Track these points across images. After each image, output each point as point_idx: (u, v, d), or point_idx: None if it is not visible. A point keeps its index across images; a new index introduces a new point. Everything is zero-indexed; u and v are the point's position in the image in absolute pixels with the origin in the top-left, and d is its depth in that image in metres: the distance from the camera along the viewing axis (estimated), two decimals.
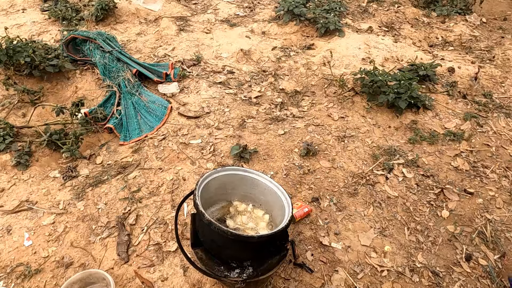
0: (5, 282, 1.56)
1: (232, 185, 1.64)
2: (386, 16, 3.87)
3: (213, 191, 1.58)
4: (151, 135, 2.35)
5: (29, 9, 3.73)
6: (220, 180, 1.59)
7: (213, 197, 1.61)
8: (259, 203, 1.65)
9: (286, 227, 1.32)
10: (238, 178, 1.62)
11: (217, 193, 1.61)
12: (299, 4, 3.60)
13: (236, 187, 1.65)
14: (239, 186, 1.65)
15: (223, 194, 1.66)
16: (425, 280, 1.60)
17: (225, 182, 1.62)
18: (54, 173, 2.08)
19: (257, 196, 1.64)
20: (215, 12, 3.99)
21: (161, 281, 1.57)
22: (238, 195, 1.68)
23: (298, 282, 1.58)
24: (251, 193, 1.65)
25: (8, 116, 2.39)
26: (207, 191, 1.50)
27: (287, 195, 1.51)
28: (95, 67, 2.81)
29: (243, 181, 1.63)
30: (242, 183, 1.63)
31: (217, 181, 1.58)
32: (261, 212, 1.63)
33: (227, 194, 1.67)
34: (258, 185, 1.61)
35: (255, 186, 1.62)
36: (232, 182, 1.63)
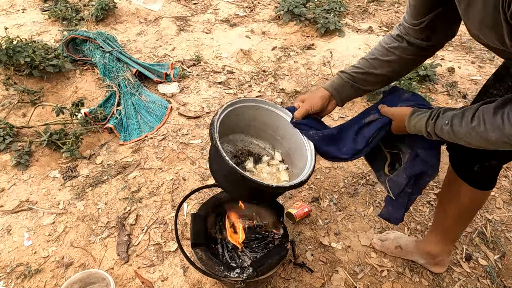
0: (5, 282, 1.56)
1: (254, 120, 1.41)
2: (386, 16, 3.87)
3: (231, 123, 1.36)
4: (151, 135, 2.35)
5: (29, 9, 3.73)
6: (240, 111, 1.37)
7: (228, 129, 1.40)
8: (278, 145, 1.43)
9: (306, 180, 1.15)
10: (262, 113, 1.37)
11: (234, 125, 1.40)
12: (299, 4, 3.60)
13: (256, 122, 1.41)
14: (260, 121, 1.41)
15: (241, 128, 1.44)
16: (425, 280, 1.60)
17: (241, 116, 1.38)
18: (54, 173, 2.08)
19: (276, 137, 1.41)
20: (215, 12, 3.99)
21: (161, 281, 1.57)
22: (256, 133, 1.45)
23: (298, 282, 1.58)
24: (272, 133, 1.42)
25: (8, 116, 2.40)
26: (224, 123, 1.29)
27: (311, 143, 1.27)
28: (95, 67, 2.81)
29: (266, 116, 1.37)
30: (264, 118, 1.38)
31: (236, 112, 1.35)
32: (279, 156, 1.42)
33: (246, 128, 1.45)
34: (279, 125, 1.37)
35: (279, 124, 1.37)
36: (249, 115, 1.39)
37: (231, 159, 1.26)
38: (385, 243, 1.70)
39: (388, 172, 1.25)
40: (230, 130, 1.41)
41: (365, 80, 1.21)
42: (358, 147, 1.15)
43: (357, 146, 1.15)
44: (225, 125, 1.30)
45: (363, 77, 1.21)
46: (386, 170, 1.25)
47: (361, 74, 1.21)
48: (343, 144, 1.19)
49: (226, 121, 1.29)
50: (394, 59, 1.14)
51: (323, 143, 1.20)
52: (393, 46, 1.14)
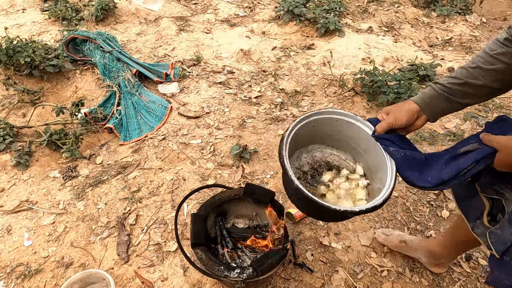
0: (5, 282, 1.56)
1: (334, 131, 1.32)
2: (386, 16, 3.87)
3: (309, 134, 1.29)
4: (151, 135, 2.35)
5: (29, 9, 3.73)
6: (317, 123, 1.27)
7: (307, 140, 1.33)
8: (360, 158, 1.33)
9: (380, 205, 1.04)
10: (342, 125, 1.28)
11: (313, 136, 1.32)
12: (299, 4, 3.60)
13: (338, 133, 1.32)
14: (342, 133, 1.31)
15: (321, 138, 1.36)
16: (425, 280, 1.60)
17: (321, 129, 1.30)
18: (54, 173, 2.08)
19: (358, 150, 1.31)
20: (215, 12, 3.99)
21: (161, 281, 1.57)
22: (338, 144, 1.37)
23: (298, 282, 1.58)
24: (354, 145, 1.31)
25: (8, 116, 2.40)
26: (300, 134, 1.23)
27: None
28: (95, 67, 2.81)
29: (347, 128, 1.28)
30: (346, 130, 1.29)
31: (312, 124, 1.26)
32: (360, 169, 1.31)
33: (326, 139, 1.36)
34: (361, 137, 1.26)
35: (361, 137, 1.26)
36: (329, 128, 1.30)
37: (308, 171, 1.25)
38: (390, 237, 1.69)
39: (488, 223, 1.04)
40: (308, 140, 1.34)
41: (464, 92, 1.03)
42: (444, 176, 0.97)
43: (444, 176, 0.97)
44: (303, 136, 1.25)
45: (462, 89, 1.03)
46: (485, 220, 1.05)
47: (458, 85, 1.03)
48: (428, 171, 1.02)
49: (303, 133, 1.23)
50: (500, 68, 0.97)
51: (405, 165, 1.05)
52: (499, 52, 0.97)
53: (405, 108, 1.10)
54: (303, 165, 1.30)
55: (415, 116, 1.09)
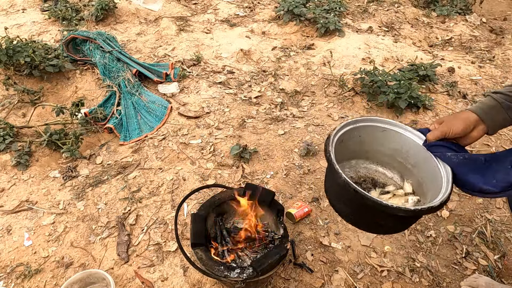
0: (5, 282, 1.56)
1: (380, 145, 1.24)
2: (386, 16, 3.87)
3: (354, 145, 1.22)
4: (151, 135, 2.35)
5: (29, 9, 3.73)
6: (363, 132, 1.20)
7: (351, 153, 1.25)
8: (408, 175, 1.21)
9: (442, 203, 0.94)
10: (389, 136, 1.20)
11: (358, 149, 1.25)
12: (299, 4, 3.60)
13: (383, 147, 1.24)
14: (388, 146, 1.22)
15: (365, 153, 1.28)
16: (425, 280, 1.60)
17: (365, 138, 1.22)
18: (54, 173, 2.08)
19: (406, 166, 1.21)
20: (215, 12, 3.99)
21: (161, 281, 1.57)
22: (383, 160, 1.27)
23: (298, 282, 1.58)
24: (402, 160, 1.22)
25: (8, 116, 2.40)
26: (345, 144, 1.16)
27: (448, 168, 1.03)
28: (95, 67, 2.81)
29: (394, 140, 1.20)
30: (392, 143, 1.21)
31: (359, 132, 1.20)
32: (409, 187, 1.20)
33: (371, 154, 1.28)
34: (410, 149, 1.16)
35: (409, 149, 1.17)
36: (375, 139, 1.22)
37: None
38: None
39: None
40: (353, 154, 1.26)
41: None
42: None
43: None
44: (347, 147, 1.17)
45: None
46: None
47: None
48: (492, 173, 0.93)
49: (347, 142, 1.16)
50: None
51: (465, 169, 0.97)
52: None
53: (461, 116, 1.03)
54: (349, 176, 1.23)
55: (471, 126, 1.01)
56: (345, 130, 1.15)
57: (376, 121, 1.19)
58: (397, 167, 1.24)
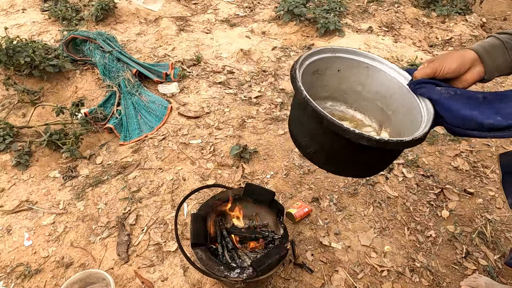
0: (5, 282, 1.56)
1: (361, 84, 1.07)
2: (386, 16, 3.87)
3: (332, 82, 1.06)
4: (151, 135, 2.35)
5: (29, 9, 3.73)
6: (343, 67, 1.04)
7: (328, 92, 1.09)
8: (387, 123, 1.05)
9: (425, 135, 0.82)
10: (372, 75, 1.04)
11: (335, 88, 1.09)
12: (299, 4, 3.60)
13: (364, 89, 1.07)
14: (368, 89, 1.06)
15: (343, 96, 1.11)
16: (425, 280, 1.60)
17: (345, 74, 1.06)
18: (54, 173, 2.08)
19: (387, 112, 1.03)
20: (215, 12, 3.99)
21: (161, 281, 1.57)
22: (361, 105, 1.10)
23: (298, 282, 1.58)
24: (382, 105, 1.05)
25: (8, 116, 2.40)
26: (322, 77, 1.00)
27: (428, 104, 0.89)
28: (95, 67, 2.81)
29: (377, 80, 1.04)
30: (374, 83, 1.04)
31: (337, 66, 1.04)
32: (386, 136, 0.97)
33: (349, 97, 1.11)
34: (394, 93, 1.00)
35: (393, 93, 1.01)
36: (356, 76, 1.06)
37: None
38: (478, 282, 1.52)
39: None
40: (329, 93, 1.08)
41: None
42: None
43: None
44: (323, 82, 1.00)
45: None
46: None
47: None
48: (494, 110, 0.79)
49: (324, 75, 1.00)
50: None
51: (457, 104, 0.81)
52: None
53: (456, 53, 0.88)
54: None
55: (467, 65, 0.87)
56: (321, 57, 0.98)
57: (359, 55, 1.04)
58: (376, 114, 1.07)
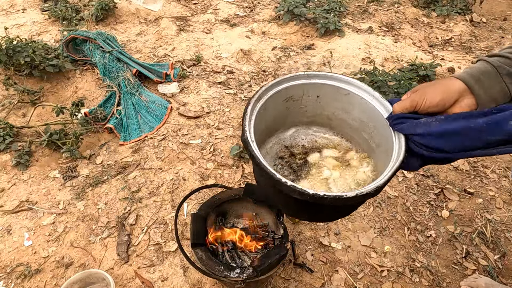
0: (5, 282, 1.56)
1: (336, 108, 0.99)
2: (386, 16, 3.87)
3: (275, 114, 0.97)
4: (151, 135, 2.35)
5: (29, 9, 3.72)
6: (316, 91, 0.96)
7: (273, 123, 1.00)
8: (373, 156, 0.95)
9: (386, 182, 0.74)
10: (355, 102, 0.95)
11: (280, 117, 1.01)
12: (299, 4, 3.60)
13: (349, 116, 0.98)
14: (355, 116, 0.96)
15: (320, 118, 1.03)
16: (425, 280, 1.60)
17: (324, 100, 0.98)
18: (54, 173, 2.08)
19: (371, 144, 0.94)
20: (215, 12, 3.99)
21: (161, 281, 1.57)
22: (347, 133, 1.02)
23: (298, 282, 1.58)
24: (367, 136, 0.96)
25: (8, 116, 2.39)
26: (264, 117, 0.91)
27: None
28: (95, 67, 2.81)
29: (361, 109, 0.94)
30: (352, 107, 0.96)
31: (309, 92, 0.96)
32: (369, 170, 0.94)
33: (334, 122, 1.03)
34: (377, 125, 0.90)
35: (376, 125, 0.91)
36: (336, 103, 0.98)
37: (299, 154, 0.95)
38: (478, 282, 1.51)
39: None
40: (312, 119, 1.03)
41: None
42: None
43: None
44: (304, 108, 0.97)
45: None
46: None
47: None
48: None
49: (303, 101, 0.95)
50: None
51: (457, 121, 0.70)
52: None
53: (441, 84, 0.76)
54: (294, 145, 0.99)
55: (453, 98, 0.74)
56: (294, 84, 0.92)
57: (337, 80, 0.95)
58: (363, 145, 0.98)
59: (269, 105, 0.90)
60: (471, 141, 0.68)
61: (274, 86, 0.90)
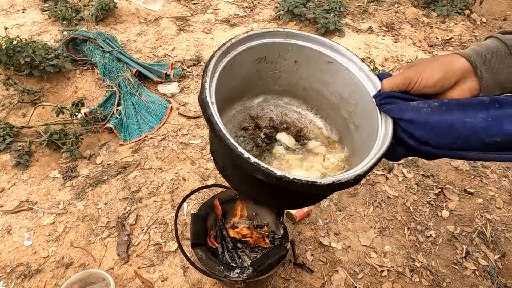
0: (5, 282, 1.56)
1: (315, 78, 0.84)
2: (386, 16, 3.87)
3: (242, 76, 0.82)
4: (151, 135, 2.35)
5: (29, 9, 3.72)
6: (294, 55, 0.81)
7: (240, 87, 0.86)
8: (348, 138, 0.84)
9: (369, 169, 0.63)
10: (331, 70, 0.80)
11: (248, 81, 0.85)
12: (299, 4, 3.60)
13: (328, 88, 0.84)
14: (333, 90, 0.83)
15: (295, 87, 0.89)
16: (425, 280, 1.60)
17: (302, 66, 0.83)
18: (54, 173, 2.08)
19: (349, 125, 0.82)
20: (215, 12, 3.99)
21: (161, 281, 1.57)
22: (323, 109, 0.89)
23: (298, 282, 1.58)
24: (346, 115, 0.82)
25: (8, 116, 2.40)
26: (229, 78, 0.76)
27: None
28: (95, 67, 2.81)
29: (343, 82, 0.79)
30: (334, 79, 0.81)
31: (286, 55, 0.81)
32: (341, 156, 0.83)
33: (302, 91, 0.89)
34: (359, 102, 0.78)
35: (358, 102, 0.78)
36: (316, 72, 0.83)
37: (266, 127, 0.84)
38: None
39: None
40: (287, 87, 0.89)
41: None
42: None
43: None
44: (277, 74, 0.83)
45: None
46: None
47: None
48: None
49: (277, 64, 0.81)
50: None
51: (451, 114, 0.59)
52: None
53: (441, 61, 0.64)
54: (261, 117, 0.87)
55: (453, 79, 0.62)
56: (269, 42, 0.77)
57: (321, 44, 0.79)
58: (339, 125, 0.86)
59: (237, 63, 0.75)
60: (464, 140, 0.58)
61: (245, 40, 0.75)
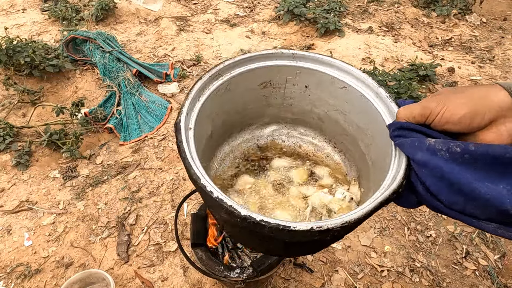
0: (5, 282, 1.56)
1: (328, 105, 0.74)
2: (386, 16, 3.87)
3: (245, 101, 0.75)
4: (151, 135, 2.35)
5: (29, 9, 3.72)
6: (304, 80, 0.72)
7: (245, 113, 0.79)
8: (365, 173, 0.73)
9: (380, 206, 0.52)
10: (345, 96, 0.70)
11: (255, 107, 0.77)
12: (299, 4, 3.60)
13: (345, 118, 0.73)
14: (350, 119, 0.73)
15: (308, 115, 0.79)
16: (425, 280, 1.60)
17: (314, 92, 0.74)
18: (54, 173, 2.08)
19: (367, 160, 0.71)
20: (215, 12, 3.99)
21: (161, 281, 1.57)
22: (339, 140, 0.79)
23: (298, 282, 1.58)
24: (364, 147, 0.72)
25: (8, 116, 2.39)
26: (226, 102, 0.70)
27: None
28: (95, 67, 2.81)
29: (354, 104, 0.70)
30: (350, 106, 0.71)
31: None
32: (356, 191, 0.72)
33: (317, 120, 0.79)
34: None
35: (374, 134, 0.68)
36: (330, 98, 0.73)
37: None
38: None
39: None
40: (298, 116, 0.80)
41: None
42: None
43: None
44: (287, 101, 0.74)
45: None
46: None
47: None
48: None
49: (286, 92, 0.72)
50: None
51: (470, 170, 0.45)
52: None
53: (475, 92, 0.50)
54: (270, 147, 0.83)
55: (487, 116, 0.48)
56: (273, 65, 0.68)
57: (330, 66, 0.68)
58: (357, 159, 0.74)
59: (235, 86, 0.68)
60: (480, 206, 0.44)
61: (243, 62, 0.67)
